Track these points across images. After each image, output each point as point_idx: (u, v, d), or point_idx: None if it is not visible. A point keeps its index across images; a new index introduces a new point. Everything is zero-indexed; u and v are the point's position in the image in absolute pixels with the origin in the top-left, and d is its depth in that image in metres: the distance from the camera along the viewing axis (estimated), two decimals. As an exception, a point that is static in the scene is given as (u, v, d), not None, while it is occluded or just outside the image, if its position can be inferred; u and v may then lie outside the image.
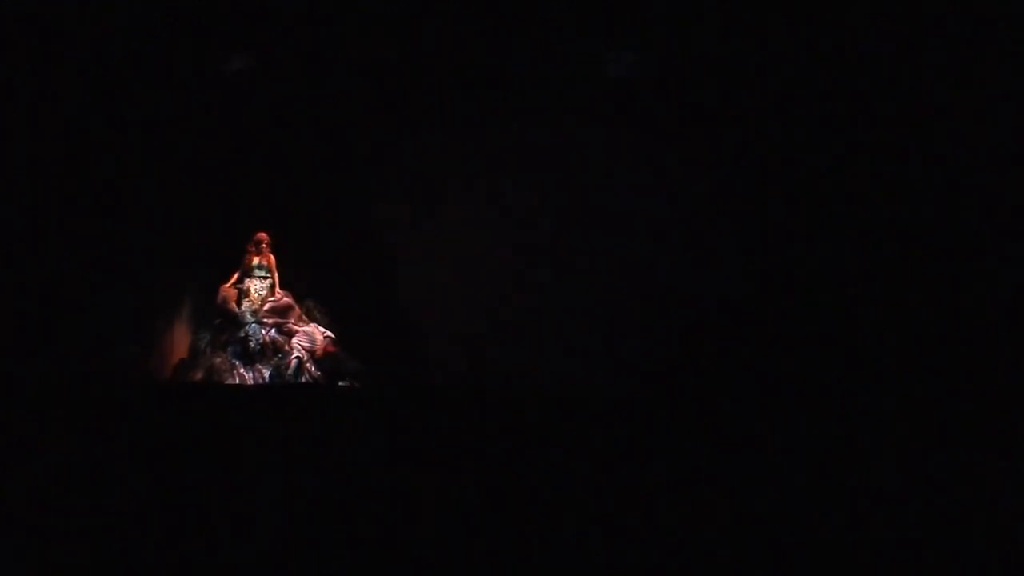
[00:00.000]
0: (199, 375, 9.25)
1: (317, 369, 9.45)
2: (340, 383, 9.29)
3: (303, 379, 9.29)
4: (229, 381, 9.13)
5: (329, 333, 9.73)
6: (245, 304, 9.73)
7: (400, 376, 10.67)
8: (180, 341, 10.12)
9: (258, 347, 9.48)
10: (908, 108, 7.89)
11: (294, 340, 9.58)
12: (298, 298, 9.95)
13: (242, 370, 9.35)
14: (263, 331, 9.57)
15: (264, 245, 9.89)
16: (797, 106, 8.95)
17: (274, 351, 9.51)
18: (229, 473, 4.06)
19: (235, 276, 9.87)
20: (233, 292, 9.82)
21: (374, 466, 4.32)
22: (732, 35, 8.97)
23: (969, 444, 4.43)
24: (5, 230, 8.10)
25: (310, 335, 9.64)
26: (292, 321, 9.73)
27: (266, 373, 9.37)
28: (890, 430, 4.77)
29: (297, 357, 9.44)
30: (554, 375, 9.31)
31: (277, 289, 9.84)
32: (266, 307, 9.72)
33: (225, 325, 9.72)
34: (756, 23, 8.69)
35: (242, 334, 9.53)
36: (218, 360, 9.40)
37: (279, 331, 9.63)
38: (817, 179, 8.73)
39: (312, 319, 9.87)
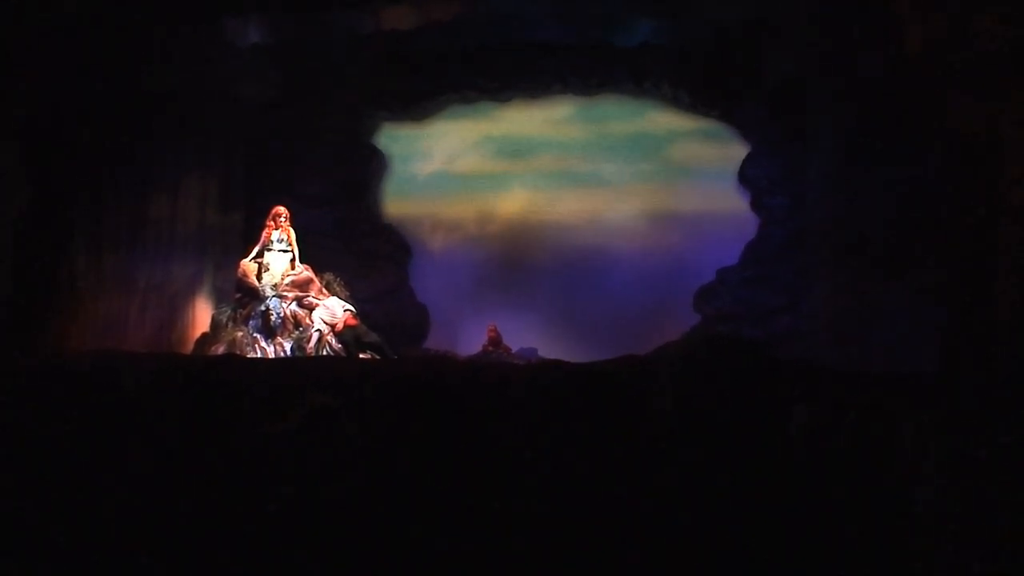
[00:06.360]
0: (221, 349, 9.26)
1: (338, 342, 9.43)
2: (361, 356, 9.27)
3: (324, 352, 9.27)
4: (251, 355, 9.13)
5: (349, 306, 9.69)
6: (265, 278, 9.69)
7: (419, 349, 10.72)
8: (201, 316, 10.16)
9: (279, 320, 9.47)
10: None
11: (315, 313, 9.55)
12: (318, 271, 9.93)
13: (263, 343, 9.36)
14: (283, 305, 9.56)
15: (283, 219, 9.82)
16: None
17: (295, 324, 9.51)
18: (248, 447, 4.06)
19: (254, 250, 9.84)
20: (253, 266, 9.80)
21: (395, 440, 4.31)
22: None
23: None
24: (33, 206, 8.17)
25: (331, 308, 9.60)
26: (312, 294, 9.71)
27: (287, 346, 9.37)
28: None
29: (318, 330, 9.41)
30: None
31: (296, 262, 9.82)
32: (286, 281, 9.69)
33: (246, 299, 9.73)
34: None
35: (263, 308, 9.53)
36: (239, 334, 9.41)
37: (299, 304, 9.62)
38: None
39: (332, 292, 9.85)
